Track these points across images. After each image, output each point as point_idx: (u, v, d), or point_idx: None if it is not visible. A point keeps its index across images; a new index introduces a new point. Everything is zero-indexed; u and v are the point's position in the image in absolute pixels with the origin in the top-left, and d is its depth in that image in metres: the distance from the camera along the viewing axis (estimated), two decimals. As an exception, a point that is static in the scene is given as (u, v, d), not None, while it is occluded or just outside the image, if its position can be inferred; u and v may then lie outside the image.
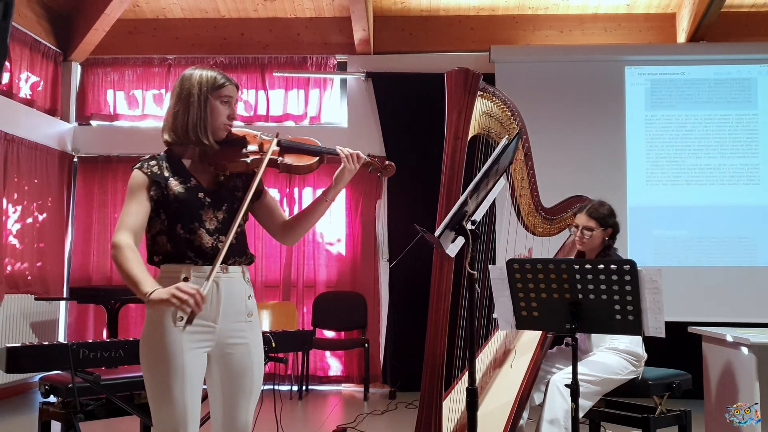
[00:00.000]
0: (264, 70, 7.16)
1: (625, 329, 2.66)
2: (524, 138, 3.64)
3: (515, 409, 3.20)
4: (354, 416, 5.46)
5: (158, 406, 2.20)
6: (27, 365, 2.97)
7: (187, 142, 2.30)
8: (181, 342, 2.18)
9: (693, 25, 6.57)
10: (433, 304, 3.25)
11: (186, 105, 2.27)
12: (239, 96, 2.41)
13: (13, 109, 6.30)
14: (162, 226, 2.26)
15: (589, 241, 3.54)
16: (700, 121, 6.48)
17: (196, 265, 2.24)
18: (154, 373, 2.20)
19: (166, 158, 2.32)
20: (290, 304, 6.77)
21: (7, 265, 6.14)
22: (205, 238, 2.25)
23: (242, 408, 2.32)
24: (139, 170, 2.26)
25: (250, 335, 2.34)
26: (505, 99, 3.60)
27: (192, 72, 2.32)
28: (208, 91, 2.28)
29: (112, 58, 7.28)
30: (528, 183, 3.70)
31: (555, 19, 7.02)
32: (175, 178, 2.27)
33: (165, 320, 2.19)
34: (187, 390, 2.18)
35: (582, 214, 3.57)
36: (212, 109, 2.29)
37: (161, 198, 2.25)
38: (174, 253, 2.24)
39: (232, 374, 2.30)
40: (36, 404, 3.69)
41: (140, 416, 3.28)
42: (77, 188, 7.16)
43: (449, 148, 3.40)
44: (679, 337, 4.52)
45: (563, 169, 6.08)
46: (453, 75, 3.48)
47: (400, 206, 6.81)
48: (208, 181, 2.33)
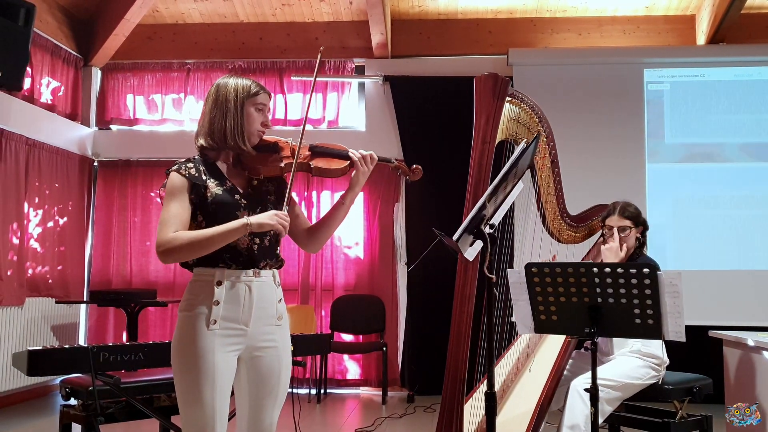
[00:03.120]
0: (282, 75, 7.18)
1: (644, 333, 2.64)
2: (551, 144, 3.64)
3: (536, 416, 3.17)
4: (372, 420, 5.45)
5: (187, 407, 2.23)
6: (48, 368, 3.00)
7: (223, 147, 2.35)
8: (213, 345, 2.22)
9: (713, 27, 6.51)
10: (457, 308, 3.25)
11: (223, 111, 2.33)
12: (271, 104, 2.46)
13: (34, 114, 6.36)
14: (199, 228, 2.28)
15: (626, 240, 3.53)
16: (719, 124, 6.41)
17: (229, 269, 2.27)
18: (185, 376, 2.23)
19: (202, 161, 2.36)
20: (308, 307, 6.78)
21: (29, 268, 6.20)
22: (242, 239, 2.28)
23: (268, 410, 2.35)
24: (177, 173, 2.29)
25: (280, 339, 2.38)
26: (533, 105, 3.61)
27: (227, 80, 2.39)
28: (244, 98, 2.35)
29: (132, 63, 7.35)
30: (554, 189, 3.69)
31: (573, 22, 6.99)
32: (211, 181, 2.32)
33: (198, 323, 2.22)
34: (216, 393, 2.21)
35: (614, 216, 3.57)
36: (247, 116, 2.35)
37: (200, 200, 2.29)
38: (208, 257, 2.26)
39: (260, 377, 2.33)
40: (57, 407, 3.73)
41: (160, 419, 3.30)
42: (97, 192, 7.22)
43: (477, 153, 3.40)
44: (700, 341, 4.49)
45: (581, 172, 6.03)
46: (482, 80, 3.49)
47: (418, 210, 6.80)
48: (242, 185, 2.39)
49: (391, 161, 2.50)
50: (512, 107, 3.59)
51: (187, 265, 2.33)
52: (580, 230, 3.82)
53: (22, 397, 6.07)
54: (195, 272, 2.31)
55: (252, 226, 2.20)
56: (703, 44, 6.72)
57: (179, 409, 2.26)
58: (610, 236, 3.57)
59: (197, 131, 2.40)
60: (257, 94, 2.38)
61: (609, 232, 3.58)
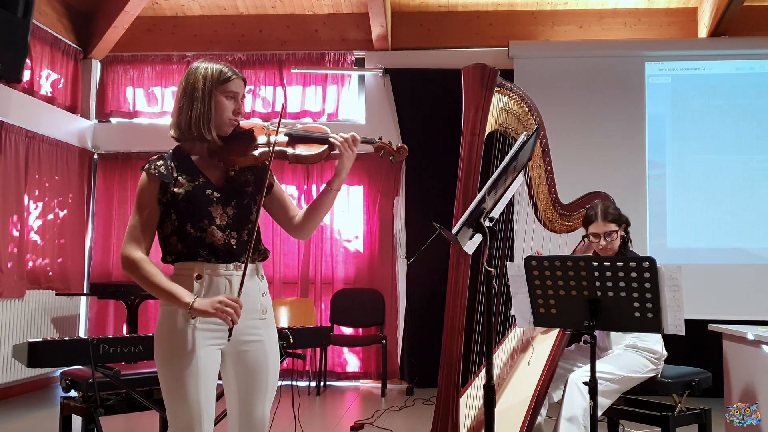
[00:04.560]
0: (282, 67, 7.17)
1: (644, 327, 2.64)
2: (542, 134, 3.60)
3: (533, 406, 3.18)
4: (371, 412, 5.47)
5: (173, 402, 2.21)
6: (48, 360, 3.00)
7: (190, 138, 2.26)
8: (195, 339, 2.19)
9: (714, 20, 6.49)
10: (450, 302, 3.24)
11: (190, 100, 2.23)
12: (247, 91, 2.41)
13: (34, 107, 6.36)
14: (173, 226, 2.24)
15: (613, 244, 3.50)
16: (721, 117, 6.40)
17: (208, 262, 2.23)
18: (168, 370, 2.20)
19: (173, 157, 2.28)
20: (308, 300, 6.79)
21: (29, 261, 6.21)
22: (217, 235, 2.23)
23: (258, 404, 2.32)
24: (146, 172, 2.24)
25: (265, 332, 2.33)
26: (522, 95, 3.57)
27: (198, 65, 2.28)
28: (213, 85, 2.23)
29: (132, 55, 7.34)
30: (546, 179, 3.66)
31: (574, 15, 6.97)
32: (183, 177, 2.24)
33: (178, 318, 2.19)
34: (201, 387, 2.18)
35: (597, 222, 3.48)
36: (217, 104, 2.24)
37: (170, 200, 2.22)
38: (186, 253, 2.23)
39: (247, 371, 2.30)
40: (57, 399, 3.73)
41: (159, 411, 3.30)
42: (97, 185, 7.22)
43: (466, 145, 3.37)
44: (699, 335, 4.49)
45: (583, 164, 6.04)
46: (470, 71, 3.44)
47: (417, 203, 6.80)
48: (218, 176, 2.30)
49: (374, 141, 2.44)
50: (501, 97, 3.54)
51: (167, 262, 2.30)
52: (572, 219, 3.79)
53: (22, 389, 6.09)
54: (175, 266, 2.27)
55: (193, 310, 2.12)
56: (704, 37, 6.70)
57: (165, 404, 2.23)
58: (597, 244, 3.50)
59: (170, 121, 2.32)
60: (228, 81, 2.25)
61: (596, 240, 3.51)
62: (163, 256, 2.31)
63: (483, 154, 3.36)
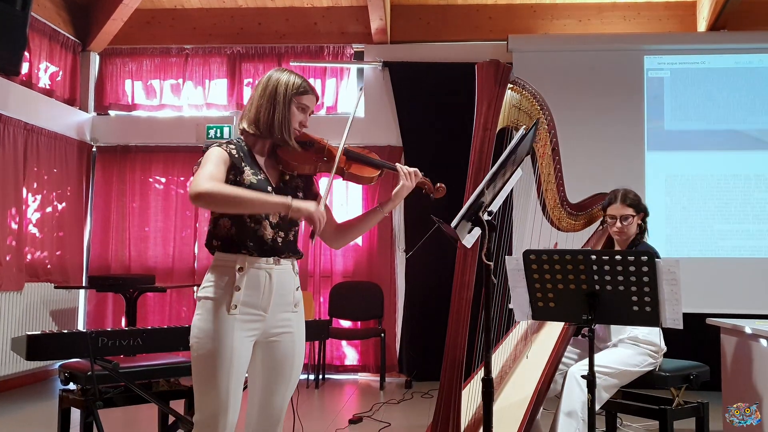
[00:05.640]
0: (281, 60, 7.16)
1: (642, 320, 2.64)
2: (552, 132, 3.63)
3: (533, 403, 3.18)
4: (370, 405, 5.48)
5: (203, 391, 2.26)
6: (47, 353, 3.00)
7: (267, 137, 2.38)
8: (233, 330, 2.26)
9: (714, 14, 6.48)
10: (456, 294, 3.25)
11: (271, 102, 2.36)
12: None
13: (32, 99, 6.35)
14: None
15: (628, 228, 3.52)
16: (719, 112, 6.39)
17: (251, 256, 2.30)
18: (203, 359, 2.26)
19: (242, 146, 2.38)
20: (307, 293, 6.78)
21: (27, 253, 6.21)
22: (268, 231, 2.33)
23: (280, 394, 2.40)
24: (218, 147, 2.32)
25: (296, 325, 2.43)
26: (534, 92, 3.60)
27: (281, 73, 2.41)
28: (293, 94, 2.38)
29: (130, 48, 7.32)
30: (554, 177, 3.68)
31: (573, 8, 6.96)
32: (248, 167, 2.33)
33: (219, 308, 2.26)
34: (232, 377, 2.25)
35: (616, 204, 3.54)
36: (291, 112, 2.38)
37: (234, 182, 2.29)
38: (235, 240, 2.30)
39: (275, 362, 2.38)
40: (56, 391, 3.74)
41: (158, 404, 3.31)
42: (96, 178, 7.22)
43: (477, 140, 3.39)
44: (697, 329, 4.49)
45: (580, 159, 6.02)
46: (484, 66, 3.47)
47: (416, 196, 6.76)
48: (274, 177, 2.41)
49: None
50: (514, 94, 3.57)
51: (211, 246, 2.36)
52: (579, 218, 3.82)
53: (21, 381, 6.09)
54: (216, 257, 2.34)
55: (293, 209, 2.22)
56: (703, 31, 6.69)
57: (194, 391, 2.29)
58: (613, 225, 3.56)
59: (242, 115, 2.43)
60: (305, 94, 2.40)
61: (612, 221, 3.56)
62: (208, 239, 2.37)
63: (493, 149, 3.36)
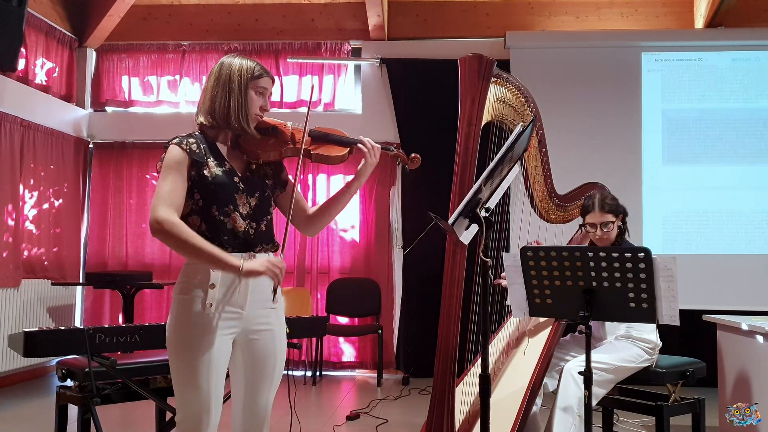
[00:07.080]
0: (278, 56, 7.15)
1: (639, 317, 2.65)
2: (538, 124, 3.59)
3: (528, 396, 3.20)
4: (367, 402, 5.48)
5: (184, 390, 2.23)
6: (44, 349, 3.00)
7: (225, 127, 2.33)
8: (210, 328, 2.21)
9: (711, 11, 6.48)
10: (446, 291, 3.25)
11: (226, 90, 2.30)
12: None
13: (29, 95, 6.33)
14: (195, 206, 2.26)
15: (609, 234, 3.49)
16: (716, 108, 6.40)
17: (224, 251, 2.24)
18: (181, 358, 2.22)
19: (203, 138, 2.33)
20: (304, 290, 6.79)
21: (24, 250, 6.20)
22: (239, 222, 2.28)
23: (264, 392, 2.36)
24: (177, 146, 2.25)
25: (275, 321, 2.38)
26: (519, 85, 3.57)
27: (233, 59, 2.35)
28: (248, 79, 2.32)
29: (127, 44, 7.31)
30: (542, 170, 3.66)
31: (571, 5, 6.96)
32: (211, 160, 2.29)
33: (194, 306, 2.21)
34: (213, 376, 2.22)
35: (594, 212, 3.48)
36: (248, 98, 2.32)
37: (198, 178, 2.25)
38: (208, 235, 2.23)
39: (255, 359, 2.34)
40: (53, 388, 3.73)
41: (156, 400, 3.31)
42: (93, 174, 7.21)
43: (462, 135, 3.37)
44: (694, 326, 4.51)
45: (580, 155, 6.06)
46: (467, 61, 3.44)
47: (414, 193, 6.80)
48: (241, 167, 2.36)
49: (390, 149, 2.50)
50: (498, 88, 3.53)
51: None
52: (568, 210, 3.79)
53: (18, 378, 6.09)
54: None
55: (244, 272, 2.17)
56: (701, 28, 6.70)
57: (174, 391, 2.26)
58: (594, 234, 3.50)
59: (198, 108, 2.37)
60: (260, 77, 2.34)
61: (592, 230, 3.51)
62: None
63: (479, 144, 3.35)
